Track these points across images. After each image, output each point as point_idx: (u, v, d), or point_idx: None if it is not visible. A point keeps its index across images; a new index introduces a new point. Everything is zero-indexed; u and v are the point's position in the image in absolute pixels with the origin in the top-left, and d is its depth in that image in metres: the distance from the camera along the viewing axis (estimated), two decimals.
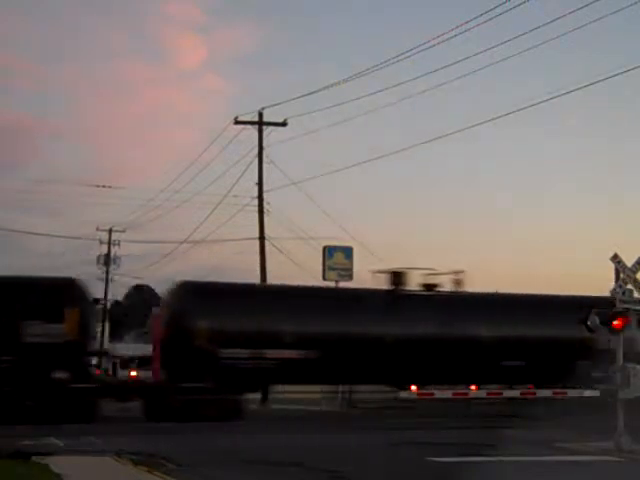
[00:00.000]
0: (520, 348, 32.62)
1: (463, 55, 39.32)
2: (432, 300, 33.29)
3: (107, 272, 64.60)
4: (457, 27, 31.22)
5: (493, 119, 53.52)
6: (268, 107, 43.41)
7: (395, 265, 34.07)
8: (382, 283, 33.49)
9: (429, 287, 33.68)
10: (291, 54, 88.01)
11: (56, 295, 30.11)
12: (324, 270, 42.84)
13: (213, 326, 30.07)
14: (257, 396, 39.22)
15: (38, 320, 28.98)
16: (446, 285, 33.75)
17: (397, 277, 33.38)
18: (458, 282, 33.75)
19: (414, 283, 33.66)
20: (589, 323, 22.50)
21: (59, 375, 29.27)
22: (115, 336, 60.36)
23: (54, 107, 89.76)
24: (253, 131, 43.72)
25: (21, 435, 22.00)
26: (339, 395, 37.63)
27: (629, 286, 23.45)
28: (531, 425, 24.96)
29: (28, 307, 29.27)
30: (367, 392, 36.19)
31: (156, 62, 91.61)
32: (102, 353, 32.34)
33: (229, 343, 29.91)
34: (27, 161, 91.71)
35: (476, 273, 66.85)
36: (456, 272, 33.61)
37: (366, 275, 42.21)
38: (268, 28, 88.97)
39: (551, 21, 28.66)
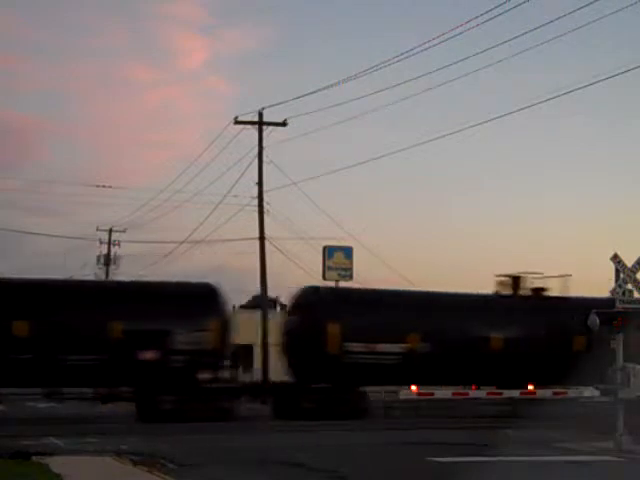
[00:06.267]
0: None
1: (463, 55, 39.37)
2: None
3: (107, 272, 64.49)
4: (457, 27, 31.18)
5: (493, 119, 53.59)
6: (268, 107, 43.40)
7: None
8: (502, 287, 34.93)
9: (538, 291, 34.67)
10: (291, 54, 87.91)
11: (200, 303, 31.58)
12: (324, 270, 42.83)
13: (341, 329, 31.18)
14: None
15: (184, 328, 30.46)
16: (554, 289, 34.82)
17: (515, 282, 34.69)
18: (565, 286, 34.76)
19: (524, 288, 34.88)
20: (589, 323, 22.53)
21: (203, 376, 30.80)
22: None
23: (54, 107, 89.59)
24: (253, 131, 43.65)
25: (21, 435, 22.01)
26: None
27: (629, 286, 23.46)
28: (531, 425, 24.97)
29: (175, 314, 30.68)
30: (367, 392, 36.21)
31: (156, 62, 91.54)
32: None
33: (356, 345, 31.09)
34: (27, 161, 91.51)
35: (476, 272, 67.00)
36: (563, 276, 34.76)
37: (366, 275, 42.41)
38: (268, 28, 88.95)
39: (551, 21, 28.62)
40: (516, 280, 34.79)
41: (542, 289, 34.74)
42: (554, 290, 34.74)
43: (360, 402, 31.63)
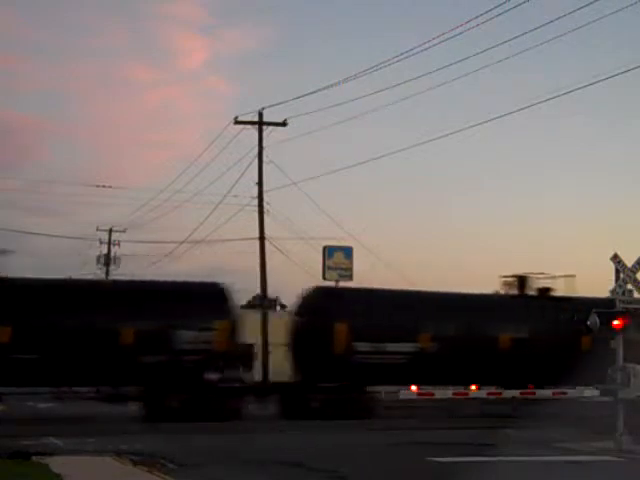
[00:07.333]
0: None
1: (463, 55, 39.39)
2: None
3: (107, 272, 64.51)
4: (457, 27, 31.19)
5: (493, 119, 53.61)
6: (268, 107, 43.44)
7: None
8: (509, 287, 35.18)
9: (543, 291, 34.80)
10: (291, 54, 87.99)
11: (207, 303, 31.32)
12: (324, 270, 42.81)
13: (347, 328, 31.07)
14: None
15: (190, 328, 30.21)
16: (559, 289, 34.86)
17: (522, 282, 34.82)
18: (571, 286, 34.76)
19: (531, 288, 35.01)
20: (589, 323, 22.53)
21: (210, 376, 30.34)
22: None
23: (54, 107, 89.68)
24: (253, 131, 43.69)
25: (21, 435, 22.01)
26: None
27: (629, 286, 23.46)
28: (531, 425, 24.97)
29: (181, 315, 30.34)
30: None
31: (156, 62, 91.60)
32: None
33: (360, 344, 30.96)
34: (27, 161, 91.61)
35: (476, 273, 66.94)
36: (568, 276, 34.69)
37: (364, 275, 42.35)
38: (268, 28, 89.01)
39: (551, 21, 28.63)
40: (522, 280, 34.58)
41: (549, 289, 34.71)
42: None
43: (366, 401, 31.54)
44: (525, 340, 32.78)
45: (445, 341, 31.75)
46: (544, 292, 34.91)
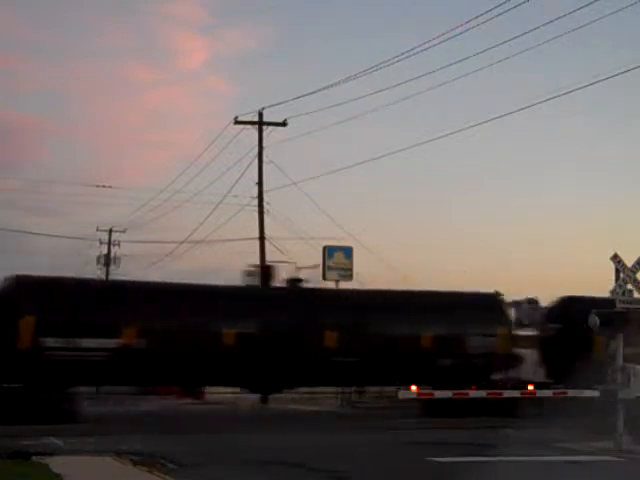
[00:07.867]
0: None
1: (463, 55, 39.43)
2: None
3: (107, 272, 64.54)
4: (457, 27, 31.26)
5: (493, 119, 53.63)
6: (268, 107, 43.53)
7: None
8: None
9: (292, 282, 32.99)
10: (291, 54, 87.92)
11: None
12: (324, 270, 42.86)
13: (34, 321, 27.95)
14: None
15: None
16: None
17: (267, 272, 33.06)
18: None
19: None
20: (589, 323, 22.53)
21: None
22: None
23: (54, 107, 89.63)
24: (253, 131, 43.82)
25: (21, 435, 22.00)
26: (339, 395, 37.72)
27: (629, 286, 23.45)
28: (531, 425, 24.97)
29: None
30: (367, 392, 36.24)
31: (156, 62, 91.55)
32: None
33: (49, 339, 27.97)
34: (27, 161, 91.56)
35: (475, 274, 66.90)
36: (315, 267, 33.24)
37: (365, 275, 42.36)
38: (268, 28, 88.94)
39: (551, 21, 28.67)
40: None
41: (299, 280, 33.30)
42: None
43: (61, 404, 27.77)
44: (254, 336, 29.96)
45: (155, 336, 28.78)
46: (293, 283, 32.76)
